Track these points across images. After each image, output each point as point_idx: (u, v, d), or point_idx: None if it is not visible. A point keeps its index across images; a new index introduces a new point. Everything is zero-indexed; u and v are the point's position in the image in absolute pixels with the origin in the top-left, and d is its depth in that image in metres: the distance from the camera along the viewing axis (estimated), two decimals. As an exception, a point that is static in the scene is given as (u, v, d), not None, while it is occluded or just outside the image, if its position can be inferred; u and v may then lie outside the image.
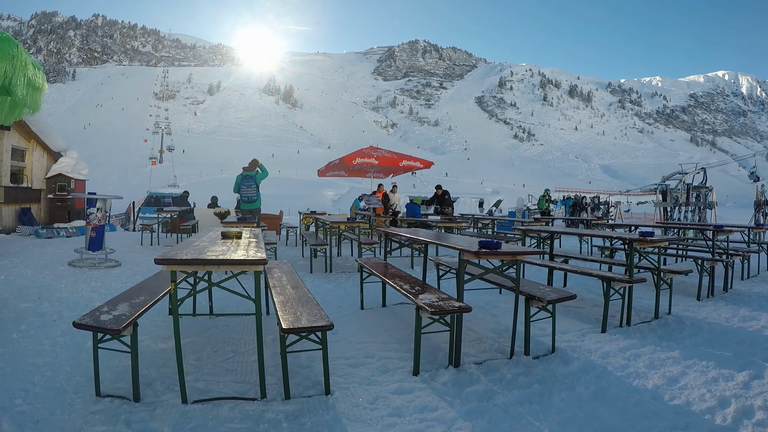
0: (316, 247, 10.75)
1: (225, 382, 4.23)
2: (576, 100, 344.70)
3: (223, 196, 23.98)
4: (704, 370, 4.95)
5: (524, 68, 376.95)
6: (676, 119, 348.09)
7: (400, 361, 4.90)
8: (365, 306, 7.21)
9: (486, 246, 4.80)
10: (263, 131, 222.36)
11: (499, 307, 7.35)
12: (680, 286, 9.28)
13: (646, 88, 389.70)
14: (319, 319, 4.06)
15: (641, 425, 3.79)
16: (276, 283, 5.55)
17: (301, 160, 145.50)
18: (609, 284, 6.35)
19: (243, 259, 3.79)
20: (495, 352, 5.27)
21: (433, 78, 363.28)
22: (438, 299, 4.74)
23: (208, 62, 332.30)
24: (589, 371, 4.85)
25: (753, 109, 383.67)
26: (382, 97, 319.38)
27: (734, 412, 4.01)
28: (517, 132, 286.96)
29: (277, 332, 4.33)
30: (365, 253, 10.99)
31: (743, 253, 10.43)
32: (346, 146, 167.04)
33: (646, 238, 6.70)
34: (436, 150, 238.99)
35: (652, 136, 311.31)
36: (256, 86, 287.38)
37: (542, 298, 5.25)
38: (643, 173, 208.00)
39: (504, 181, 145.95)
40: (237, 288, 4.25)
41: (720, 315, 7.37)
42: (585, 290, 8.87)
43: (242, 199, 13.02)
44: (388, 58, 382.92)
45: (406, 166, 17.36)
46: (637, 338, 5.99)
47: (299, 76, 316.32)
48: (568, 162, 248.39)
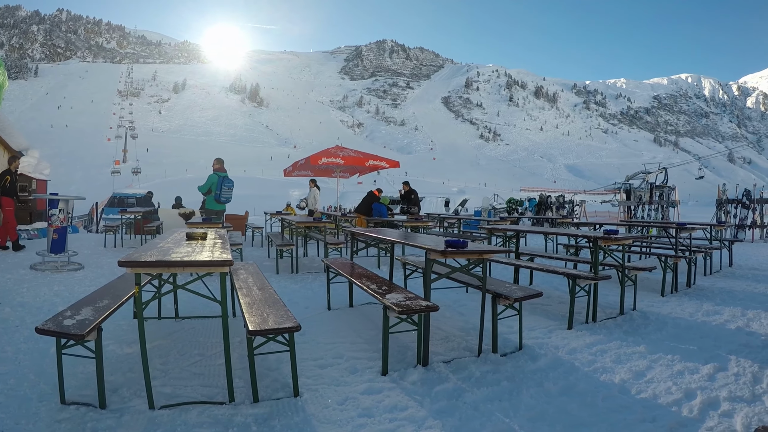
0: (282, 247, 10.68)
1: (192, 386, 4.16)
2: (542, 101, 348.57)
3: (187, 197, 23.77)
4: (670, 363, 5.02)
5: (491, 69, 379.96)
6: (640, 120, 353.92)
7: (369, 361, 4.88)
8: (332, 306, 7.18)
9: (453, 245, 4.80)
10: (229, 130, 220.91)
11: (466, 305, 7.38)
12: (644, 282, 9.43)
13: (610, 89, 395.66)
14: (286, 321, 4.01)
15: (610, 419, 3.82)
16: (242, 284, 5.49)
17: (266, 160, 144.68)
18: (575, 282, 6.42)
19: (208, 260, 3.72)
20: (463, 350, 5.28)
21: (400, 78, 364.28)
22: (405, 299, 4.73)
23: (173, 60, 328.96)
24: (557, 367, 4.88)
25: (715, 111, 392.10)
26: (348, 97, 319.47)
27: (700, 403, 4.07)
28: (483, 132, 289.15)
29: (243, 334, 4.27)
30: (332, 253, 10.96)
31: (706, 250, 10.62)
32: (312, 146, 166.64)
33: (611, 236, 6.79)
34: (403, 150, 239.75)
35: (616, 136, 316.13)
36: (222, 85, 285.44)
37: (509, 296, 5.25)
38: (607, 173, 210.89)
39: (470, 180, 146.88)
40: (203, 290, 4.19)
41: (684, 310, 7.50)
42: (551, 288, 8.93)
43: (221, 199, 12.86)
44: (356, 58, 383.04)
45: (372, 165, 17.31)
46: (603, 334, 6.05)
47: (266, 74, 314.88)
48: (533, 162, 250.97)
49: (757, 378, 4.64)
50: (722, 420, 3.81)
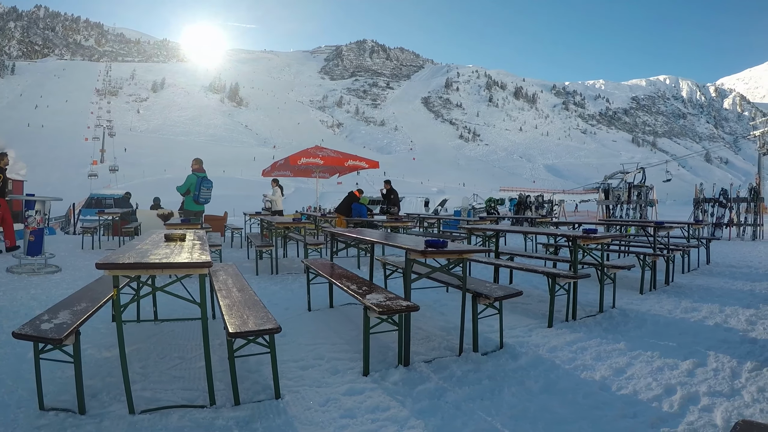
0: (261, 248, 10.63)
1: (173, 389, 4.11)
2: (521, 102, 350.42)
3: (166, 197, 23.60)
4: (650, 360, 5.08)
5: (471, 69, 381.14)
6: (618, 121, 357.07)
7: (350, 361, 4.87)
8: (313, 307, 7.14)
9: (432, 245, 4.80)
10: (208, 130, 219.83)
11: (446, 305, 7.39)
12: (623, 280, 9.50)
13: (589, 90, 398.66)
14: (267, 322, 3.99)
15: (591, 416, 3.84)
16: (221, 286, 5.45)
17: (245, 160, 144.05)
18: (554, 280, 6.44)
19: (187, 262, 3.69)
20: (444, 349, 5.28)
21: (380, 78, 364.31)
22: (386, 299, 4.72)
23: (152, 58, 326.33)
24: (538, 365, 4.90)
25: (692, 112, 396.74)
26: (328, 97, 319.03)
27: (680, 399, 4.12)
28: (462, 132, 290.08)
29: (224, 336, 4.24)
30: (311, 253, 10.92)
31: (683, 248, 10.76)
32: (291, 146, 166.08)
33: (590, 235, 6.83)
34: (382, 150, 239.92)
35: (594, 136, 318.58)
36: (201, 84, 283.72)
37: (489, 295, 5.27)
38: (586, 173, 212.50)
39: (449, 180, 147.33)
40: (182, 292, 4.15)
41: (663, 307, 7.58)
42: (531, 287, 8.97)
43: (200, 200, 12.76)
44: (336, 58, 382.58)
45: (352, 165, 17.30)
46: (583, 332, 6.09)
47: (245, 74, 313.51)
48: (512, 162, 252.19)
49: (735, 373, 4.70)
50: (702, 414, 3.86)
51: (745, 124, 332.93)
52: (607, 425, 3.70)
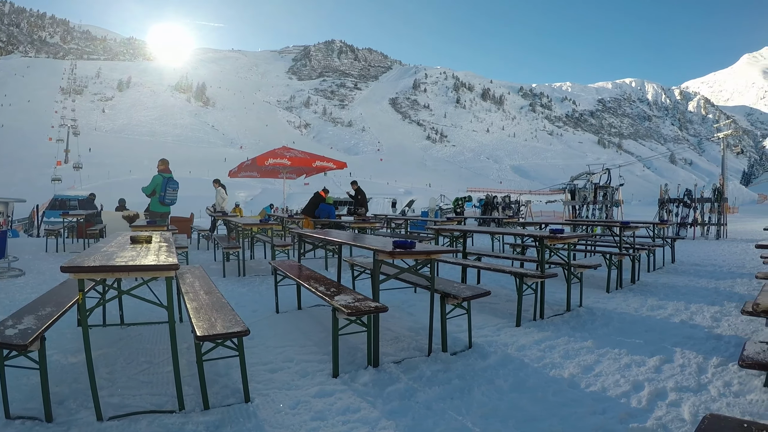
0: (228, 250, 10.56)
1: (141, 395, 4.04)
2: (488, 103, 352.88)
3: (131, 198, 23.26)
4: (617, 357, 5.14)
5: (439, 71, 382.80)
6: (585, 123, 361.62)
7: (319, 363, 4.84)
8: (281, 309, 7.11)
9: (400, 246, 4.80)
10: (174, 130, 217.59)
11: (415, 305, 7.40)
12: (590, 279, 9.59)
13: (556, 92, 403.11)
14: (235, 325, 3.95)
15: (561, 413, 3.87)
16: (188, 288, 5.39)
17: (212, 161, 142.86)
18: (522, 280, 6.48)
19: (154, 264, 3.62)
20: (413, 350, 5.29)
21: (348, 78, 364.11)
22: (354, 300, 4.71)
23: (118, 56, 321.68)
24: (507, 364, 4.92)
25: (658, 114, 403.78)
26: (296, 97, 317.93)
27: (648, 394, 4.17)
28: (430, 133, 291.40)
29: (191, 340, 4.17)
30: (279, 255, 10.89)
31: (649, 248, 10.91)
32: (258, 146, 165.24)
33: (557, 235, 6.88)
34: (350, 151, 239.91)
35: (561, 138, 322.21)
36: (167, 83, 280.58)
37: (457, 295, 5.29)
38: (552, 173, 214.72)
39: (416, 181, 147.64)
40: (148, 295, 4.10)
41: (629, 305, 7.69)
42: (498, 286, 9.03)
43: (166, 201, 12.60)
44: (304, 58, 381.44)
45: (319, 166, 17.26)
46: (551, 330, 6.14)
47: (212, 73, 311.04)
48: (479, 163, 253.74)
49: (701, 368, 4.79)
50: (670, 409, 3.91)
51: (709, 126, 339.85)
52: (577, 422, 3.74)
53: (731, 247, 16.90)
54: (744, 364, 3.25)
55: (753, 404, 3.98)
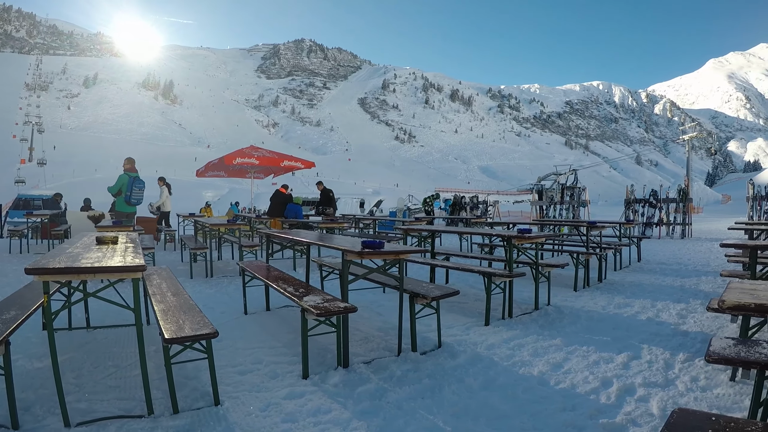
0: (195, 251, 10.46)
1: (109, 400, 3.96)
2: (457, 104, 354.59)
3: (97, 198, 22.95)
4: (585, 354, 5.21)
5: (408, 71, 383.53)
6: (552, 124, 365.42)
7: (289, 365, 4.81)
8: (249, 310, 7.05)
9: (369, 246, 4.80)
10: (140, 128, 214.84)
11: (384, 305, 7.40)
12: (558, 278, 9.71)
13: (524, 94, 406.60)
14: (203, 327, 3.90)
15: (532, 410, 3.90)
16: (155, 290, 5.32)
17: (179, 160, 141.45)
18: (490, 279, 6.52)
19: (120, 265, 3.55)
20: (383, 350, 5.29)
21: (317, 78, 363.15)
22: (323, 300, 4.69)
23: (85, 52, 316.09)
24: (477, 363, 4.95)
25: (624, 117, 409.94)
26: (264, 96, 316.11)
27: (617, 390, 4.23)
28: (398, 133, 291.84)
29: (159, 343, 4.11)
30: (246, 256, 10.83)
31: (615, 247, 11.05)
32: (226, 145, 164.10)
33: (524, 234, 6.94)
34: (318, 150, 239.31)
35: (529, 139, 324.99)
36: (134, 80, 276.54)
37: (426, 295, 5.30)
38: (520, 174, 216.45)
39: (385, 181, 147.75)
40: (115, 297, 4.04)
41: (596, 303, 7.81)
42: (467, 286, 9.06)
43: (132, 201, 12.42)
44: (273, 56, 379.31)
45: (287, 166, 17.21)
46: (519, 329, 6.19)
47: (180, 71, 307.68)
48: (447, 163, 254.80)
49: (669, 364, 4.88)
50: (639, 405, 3.98)
51: (675, 128, 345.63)
52: (548, 418, 3.77)
53: (696, 246, 17.19)
54: (711, 360, 3.29)
55: (720, 398, 4.07)
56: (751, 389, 3.52)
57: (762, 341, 3.49)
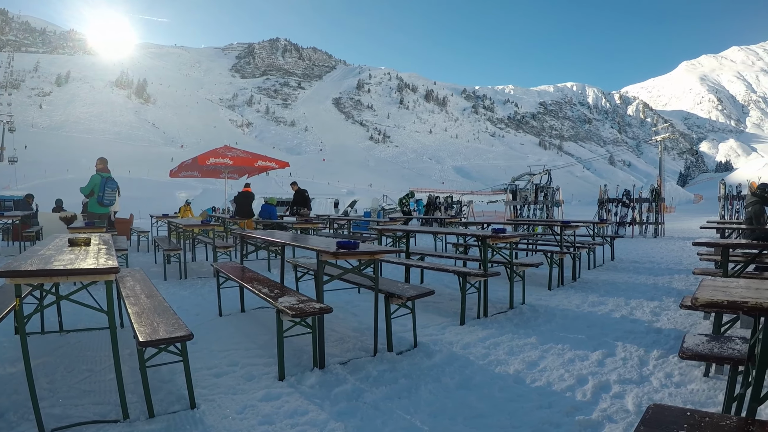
0: (169, 252, 10.38)
1: (84, 405, 3.90)
2: (432, 105, 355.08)
3: (69, 199, 22.65)
4: (561, 352, 5.27)
5: (383, 72, 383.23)
6: (526, 125, 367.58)
7: (265, 366, 4.79)
8: (224, 312, 7.00)
9: (344, 246, 4.80)
10: (113, 128, 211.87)
11: (359, 306, 7.42)
12: (532, 277, 9.77)
13: (499, 95, 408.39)
14: (178, 329, 3.87)
15: (508, 408, 3.94)
16: (129, 292, 5.25)
17: (152, 160, 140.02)
18: (465, 279, 6.57)
19: (93, 268, 3.50)
20: (359, 350, 5.28)
21: (291, 77, 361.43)
22: (298, 301, 4.69)
23: (57, 49, 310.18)
24: (453, 362, 4.97)
25: (597, 118, 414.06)
26: (238, 95, 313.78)
27: (593, 387, 4.29)
28: (373, 134, 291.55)
29: (134, 346, 4.06)
30: (221, 257, 10.74)
31: (589, 246, 11.20)
32: (199, 145, 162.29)
33: (499, 234, 7.00)
34: (292, 150, 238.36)
35: (503, 139, 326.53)
36: (108, 79, 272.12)
37: (401, 295, 5.33)
38: (494, 174, 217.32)
39: (359, 181, 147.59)
40: (88, 300, 3.98)
41: (571, 302, 7.90)
42: (442, 286, 9.08)
43: (104, 202, 12.23)
44: (247, 56, 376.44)
45: (261, 166, 17.10)
46: (495, 328, 6.23)
47: (154, 69, 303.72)
48: (422, 163, 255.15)
49: (643, 361, 4.96)
50: (614, 401, 4.03)
51: (648, 129, 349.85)
52: (524, 416, 3.80)
53: (669, 244, 17.44)
54: (684, 356, 3.34)
55: (694, 393, 4.14)
56: (725, 384, 3.58)
57: (734, 337, 3.54)
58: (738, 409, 3.01)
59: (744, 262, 5.77)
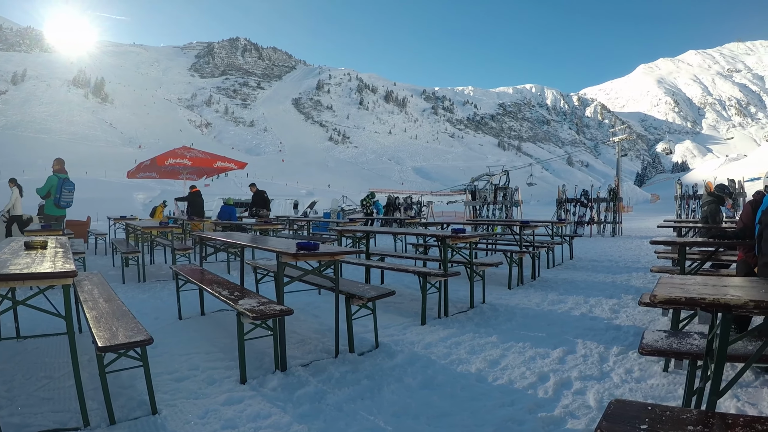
0: (127, 255, 10.21)
1: (43, 413, 3.80)
2: (391, 105, 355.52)
3: (24, 201, 22.13)
4: (522, 350, 5.33)
5: (343, 72, 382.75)
6: (486, 126, 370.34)
7: (226, 370, 4.74)
8: (183, 315, 6.92)
9: (304, 247, 4.80)
10: (70, 128, 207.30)
11: (320, 307, 7.42)
12: (492, 277, 9.88)
13: (458, 96, 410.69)
14: (137, 334, 3.80)
15: (471, 407, 3.97)
16: (87, 296, 5.15)
17: (109, 160, 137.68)
18: (425, 279, 6.61)
19: (50, 272, 3.42)
20: (320, 352, 5.27)
21: (251, 77, 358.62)
22: (258, 304, 4.67)
23: (14, 47, 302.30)
24: (415, 362, 4.99)
25: (556, 119, 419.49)
26: (197, 95, 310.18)
27: (554, 385, 4.36)
28: (332, 134, 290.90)
29: (93, 351, 3.97)
30: (180, 259, 10.61)
31: (548, 245, 11.35)
32: (158, 146, 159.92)
33: (458, 234, 7.05)
34: (251, 151, 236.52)
35: (462, 140, 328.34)
36: (64, 77, 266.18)
37: (362, 296, 5.35)
38: (453, 175, 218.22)
39: (318, 182, 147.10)
40: (45, 305, 3.88)
41: (531, 300, 8.01)
42: (402, 286, 9.12)
43: (61, 203, 11.93)
44: (207, 55, 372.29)
45: (220, 167, 16.98)
46: (456, 327, 6.28)
47: (112, 68, 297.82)
48: (381, 164, 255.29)
49: (603, 357, 5.06)
50: (576, 398, 4.10)
51: (605, 131, 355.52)
52: (487, 414, 3.83)
53: (626, 243, 17.75)
54: (644, 352, 3.39)
55: (654, 388, 4.23)
56: (684, 379, 3.66)
57: (693, 333, 3.60)
58: (698, 402, 3.06)
59: (701, 259, 5.89)
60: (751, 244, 4.73)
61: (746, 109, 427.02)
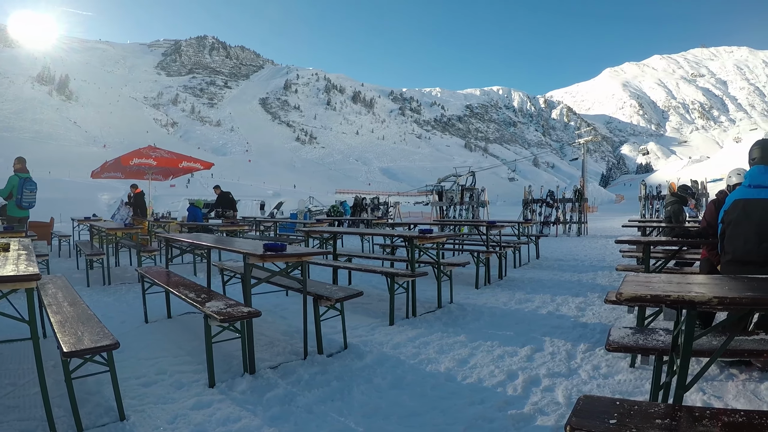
0: (92, 257, 10.07)
1: (8, 421, 3.72)
2: (359, 106, 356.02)
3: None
4: (490, 349, 5.37)
5: (311, 72, 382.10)
6: (453, 127, 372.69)
7: (195, 374, 4.69)
8: (150, 319, 6.81)
9: (271, 249, 4.78)
10: (33, 126, 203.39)
11: (287, 309, 7.39)
12: (459, 277, 9.91)
13: (426, 97, 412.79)
14: (104, 338, 3.74)
15: (441, 406, 3.98)
16: (51, 300, 5.05)
17: (73, 160, 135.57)
18: (393, 279, 6.62)
19: (13, 275, 3.35)
20: (289, 354, 5.24)
21: (218, 76, 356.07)
22: (226, 306, 4.63)
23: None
24: (384, 362, 5.00)
25: (523, 121, 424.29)
26: (164, 94, 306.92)
27: (523, 382, 4.39)
28: (299, 135, 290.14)
29: (58, 357, 3.88)
30: (145, 261, 10.47)
31: (514, 245, 11.46)
32: (123, 145, 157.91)
33: (426, 235, 7.08)
34: (218, 151, 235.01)
35: (429, 141, 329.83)
36: (28, 74, 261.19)
37: (330, 297, 5.33)
38: (420, 176, 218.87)
39: (285, 183, 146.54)
40: (8, 309, 3.79)
41: (498, 300, 8.07)
42: (370, 287, 9.14)
43: (23, 204, 11.66)
44: (174, 53, 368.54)
45: (186, 167, 16.77)
46: (424, 327, 6.31)
47: (77, 65, 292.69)
48: (348, 165, 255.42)
49: (571, 355, 5.11)
50: (545, 395, 4.14)
51: (571, 132, 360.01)
52: (458, 413, 3.85)
53: (592, 243, 17.96)
54: (611, 348, 3.43)
55: (621, 384, 4.29)
56: (650, 374, 3.73)
57: (658, 329, 3.66)
58: (665, 396, 3.11)
59: (665, 258, 5.97)
60: (714, 243, 4.82)
61: (709, 112, 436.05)
